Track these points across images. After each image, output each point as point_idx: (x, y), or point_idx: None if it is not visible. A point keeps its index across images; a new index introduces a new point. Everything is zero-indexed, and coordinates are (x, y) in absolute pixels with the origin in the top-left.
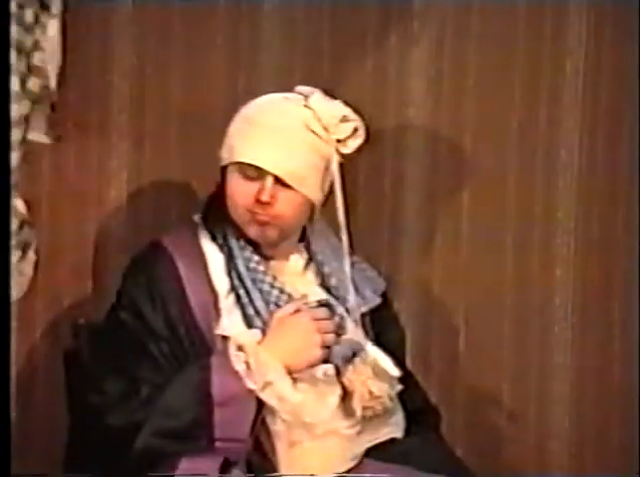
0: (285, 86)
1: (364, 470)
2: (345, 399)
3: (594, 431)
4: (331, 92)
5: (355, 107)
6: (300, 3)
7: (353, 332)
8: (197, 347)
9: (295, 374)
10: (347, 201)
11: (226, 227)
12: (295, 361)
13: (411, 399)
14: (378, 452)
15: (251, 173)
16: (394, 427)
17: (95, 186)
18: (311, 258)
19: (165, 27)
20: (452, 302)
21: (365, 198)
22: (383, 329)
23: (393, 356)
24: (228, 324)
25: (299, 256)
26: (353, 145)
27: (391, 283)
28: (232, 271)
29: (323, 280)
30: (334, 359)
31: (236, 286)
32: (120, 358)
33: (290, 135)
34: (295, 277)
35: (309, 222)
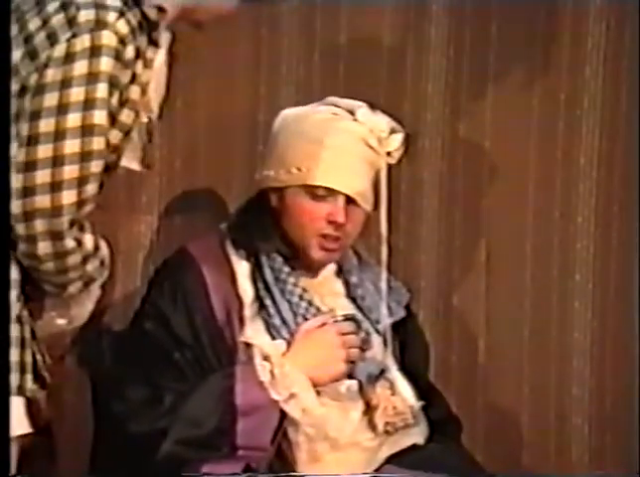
0: (306, 97)
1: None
2: (368, 413)
3: (614, 435)
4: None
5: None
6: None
7: (378, 348)
8: (220, 354)
9: (319, 387)
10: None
11: (255, 237)
12: (319, 374)
13: (433, 410)
14: (398, 458)
15: (321, 193)
16: (416, 436)
17: (126, 192)
18: (340, 269)
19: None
20: (472, 310)
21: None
22: (407, 341)
23: (417, 368)
24: (251, 332)
25: (328, 269)
26: (398, 156)
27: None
28: (257, 280)
29: (349, 290)
30: (358, 375)
31: (261, 296)
32: (144, 365)
33: (356, 155)
34: (322, 288)
35: None
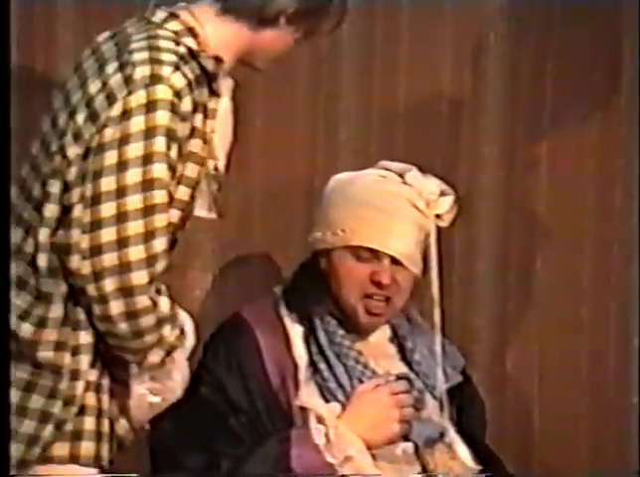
0: (364, 161)
1: None
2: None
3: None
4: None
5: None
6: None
7: (435, 412)
8: (275, 419)
9: (375, 450)
10: (442, 275)
11: (309, 300)
12: (374, 436)
13: (491, 474)
14: None
15: (365, 255)
16: None
17: (181, 257)
18: (394, 332)
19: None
20: (526, 374)
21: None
22: (464, 406)
23: (474, 432)
24: (306, 396)
25: (382, 330)
26: (449, 219)
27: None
28: (311, 344)
29: (404, 355)
30: (415, 437)
31: (315, 359)
32: (201, 431)
33: (403, 217)
34: (376, 350)
35: None
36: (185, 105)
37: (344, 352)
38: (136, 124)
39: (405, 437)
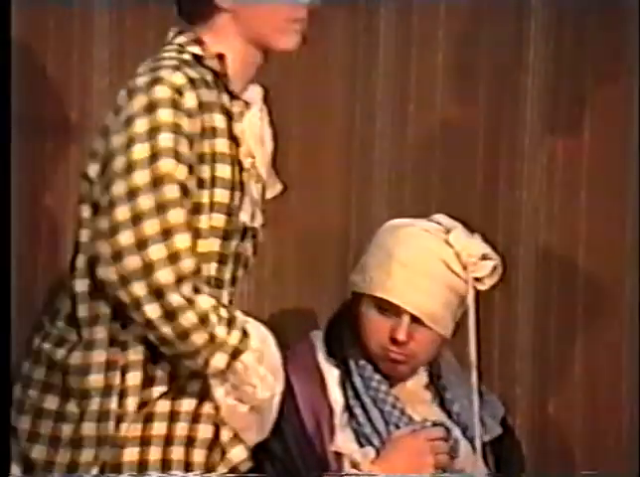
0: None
1: None
2: None
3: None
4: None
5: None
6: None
7: (471, 462)
8: (310, 464)
9: None
10: (479, 335)
11: (345, 344)
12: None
13: None
14: None
15: (387, 308)
16: None
17: None
18: (431, 380)
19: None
20: (567, 421)
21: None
22: (503, 456)
23: None
24: (341, 442)
25: (418, 376)
26: (489, 283)
27: (505, 400)
28: (348, 388)
29: (443, 404)
30: None
31: (351, 404)
32: None
33: (430, 275)
34: (413, 396)
35: None
36: (188, 101)
37: (380, 397)
38: (140, 126)
39: None
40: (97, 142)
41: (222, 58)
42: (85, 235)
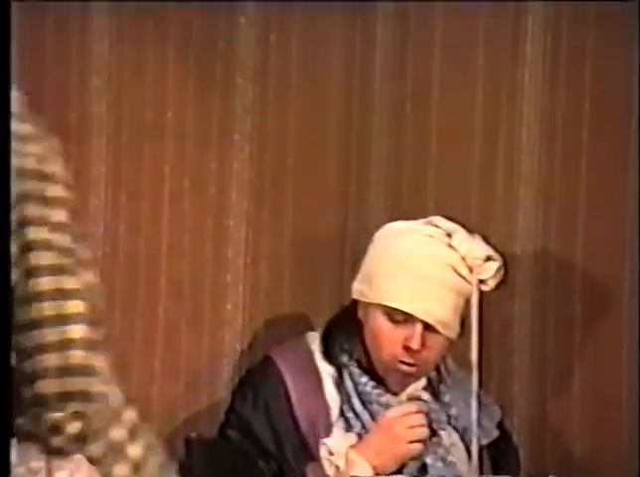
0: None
1: None
2: None
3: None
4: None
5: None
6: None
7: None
8: (304, 463)
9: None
10: (482, 337)
11: (343, 347)
12: (383, 459)
13: None
14: None
15: (399, 317)
16: None
17: (211, 300)
18: (429, 383)
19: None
20: (566, 420)
21: None
22: (500, 461)
23: None
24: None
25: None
26: (493, 284)
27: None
28: (342, 390)
29: (441, 407)
30: None
31: (343, 409)
32: (230, 475)
33: (440, 282)
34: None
35: None
36: None
37: (372, 399)
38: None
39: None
40: None
41: None
42: None
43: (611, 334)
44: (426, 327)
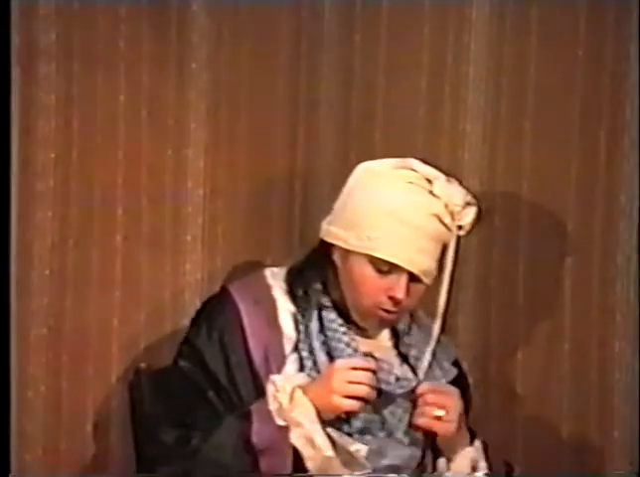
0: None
1: None
2: None
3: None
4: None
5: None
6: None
7: None
8: (255, 395)
9: (325, 418)
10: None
11: (311, 285)
12: (321, 405)
13: None
14: None
15: (385, 267)
16: None
17: (171, 231)
18: (396, 335)
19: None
20: (510, 351)
21: None
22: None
23: None
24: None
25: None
26: (469, 228)
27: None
28: (302, 326)
29: (398, 345)
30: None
31: (301, 347)
32: (178, 405)
33: (427, 233)
34: (373, 344)
35: None
36: None
37: (336, 336)
38: None
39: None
40: None
41: None
42: None
43: (556, 266)
44: (410, 276)
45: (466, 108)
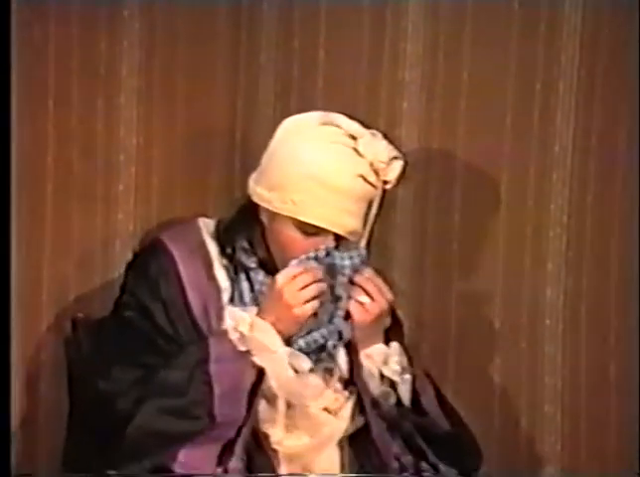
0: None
1: None
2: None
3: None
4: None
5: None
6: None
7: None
8: (199, 345)
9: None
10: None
11: (239, 242)
12: (284, 324)
13: None
14: None
15: (311, 230)
16: None
17: (103, 180)
18: None
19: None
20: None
21: None
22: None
23: None
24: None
25: None
26: (395, 181)
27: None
28: (233, 276)
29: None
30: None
31: (235, 296)
32: (128, 349)
33: (352, 194)
34: None
35: None
36: None
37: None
38: None
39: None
40: None
41: None
42: None
43: (489, 217)
44: (336, 235)
45: (405, 57)
